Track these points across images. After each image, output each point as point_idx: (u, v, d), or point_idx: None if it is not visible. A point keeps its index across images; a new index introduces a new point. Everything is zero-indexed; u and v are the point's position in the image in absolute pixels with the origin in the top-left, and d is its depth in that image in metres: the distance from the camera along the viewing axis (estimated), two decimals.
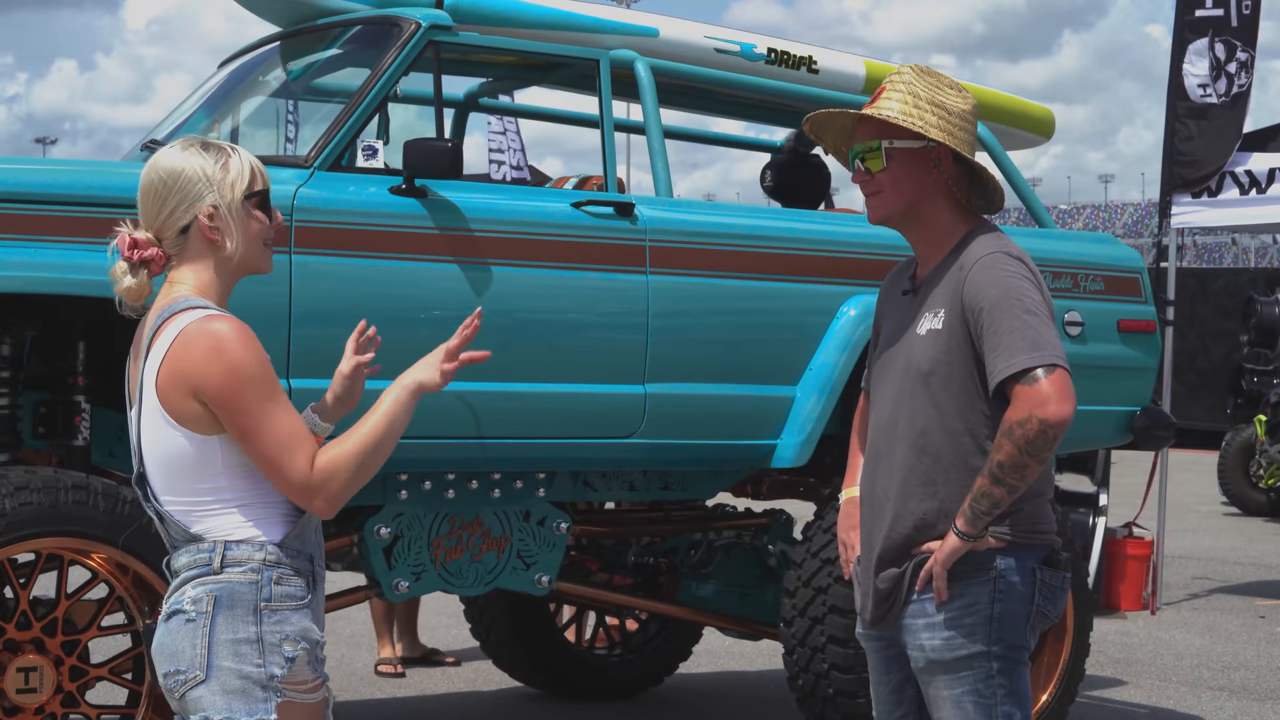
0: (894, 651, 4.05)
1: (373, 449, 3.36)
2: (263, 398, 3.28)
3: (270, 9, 6.39)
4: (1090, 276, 6.99)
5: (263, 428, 3.27)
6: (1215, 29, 11.60)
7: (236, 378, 3.26)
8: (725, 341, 6.22)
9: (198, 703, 3.30)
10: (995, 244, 3.93)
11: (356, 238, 5.46)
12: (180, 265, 3.43)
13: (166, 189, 3.39)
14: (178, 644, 3.31)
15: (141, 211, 3.43)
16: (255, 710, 3.28)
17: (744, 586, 7.33)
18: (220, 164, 3.41)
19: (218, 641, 3.28)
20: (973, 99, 4.01)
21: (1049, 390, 3.72)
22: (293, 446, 3.29)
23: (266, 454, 3.28)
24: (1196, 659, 9.47)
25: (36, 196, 5.04)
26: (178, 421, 3.30)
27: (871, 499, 4.05)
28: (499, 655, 8.09)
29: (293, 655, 3.32)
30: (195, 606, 3.29)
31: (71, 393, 5.41)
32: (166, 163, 3.41)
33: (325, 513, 3.35)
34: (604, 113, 6.20)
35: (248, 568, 3.31)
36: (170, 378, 3.29)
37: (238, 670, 3.28)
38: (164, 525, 3.40)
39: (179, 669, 3.31)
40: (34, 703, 4.98)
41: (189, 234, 3.41)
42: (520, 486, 6.14)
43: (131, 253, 3.39)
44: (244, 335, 3.30)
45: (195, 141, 3.46)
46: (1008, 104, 7.69)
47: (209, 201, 3.40)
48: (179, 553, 3.36)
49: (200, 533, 3.33)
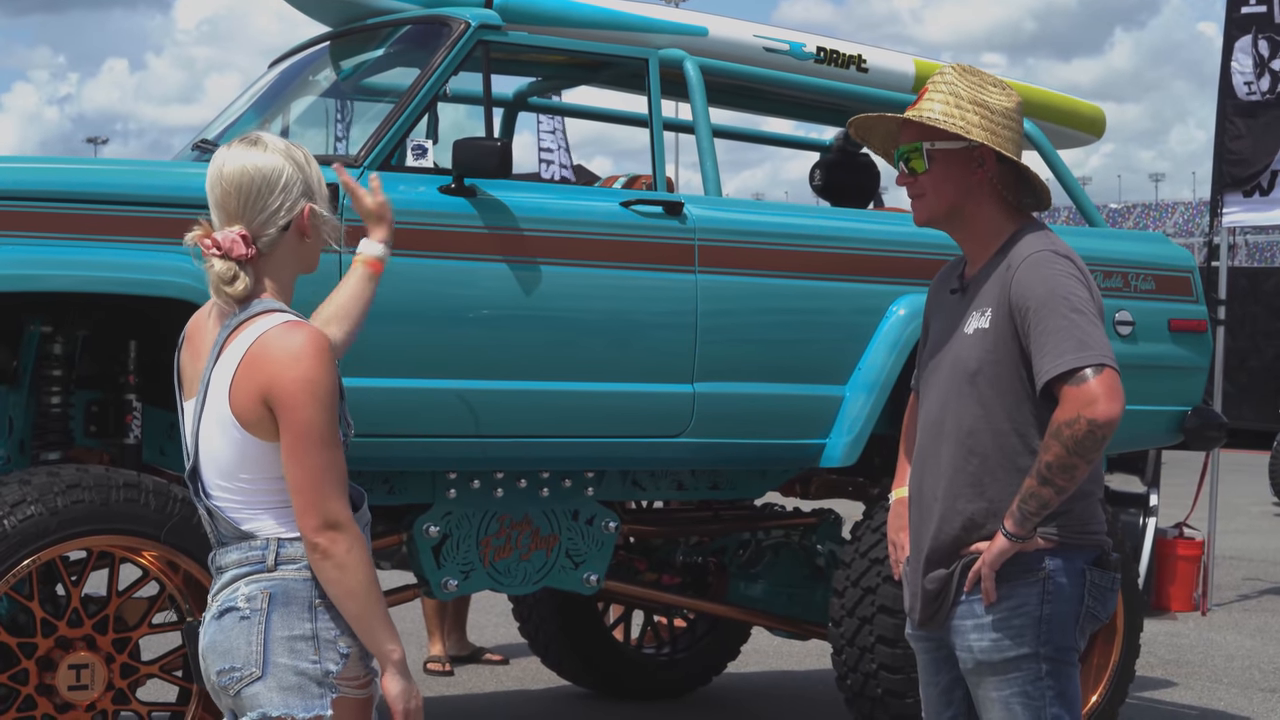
0: (943, 653, 4.04)
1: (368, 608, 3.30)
2: (324, 420, 3.26)
3: (320, 9, 6.41)
4: (1141, 276, 6.96)
5: (313, 453, 3.25)
6: (1259, 25, 11.52)
7: (307, 388, 3.24)
8: (774, 341, 6.21)
9: (254, 699, 3.29)
10: (1043, 242, 3.91)
11: (406, 237, 5.44)
12: (262, 264, 3.41)
13: (269, 188, 3.36)
14: (232, 641, 3.30)
15: (236, 211, 3.38)
16: (311, 706, 3.28)
17: (792, 586, 7.32)
18: (307, 160, 3.43)
19: (273, 638, 3.28)
20: (1017, 96, 3.99)
21: (1097, 390, 3.70)
22: (336, 486, 3.27)
23: (307, 477, 3.25)
24: (1247, 660, 9.42)
25: (90, 196, 5.07)
26: (243, 424, 3.29)
27: (919, 499, 4.04)
28: (547, 654, 8.10)
29: (347, 651, 3.32)
30: (250, 604, 3.29)
31: (123, 391, 5.45)
32: (262, 160, 3.37)
33: (316, 564, 3.28)
34: (653, 112, 6.20)
35: (302, 564, 3.30)
36: (244, 380, 3.28)
37: (294, 666, 3.28)
38: (213, 521, 3.39)
39: (234, 666, 3.29)
40: (85, 700, 5.01)
41: (286, 233, 3.40)
42: (569, 485, 6.15)
43: (247, 250, 3.35)
44: (325, 349, 3.29)
45: (270, 139, 3.44)
46: (1058, 103, 7.65)
47: (309, 199, 3.41)
48: (228, 549, 3.36)
49: (252, 530, 3.33)
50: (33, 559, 4.87)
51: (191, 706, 5.21)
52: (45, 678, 4.98)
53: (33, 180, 5.07)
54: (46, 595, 5.09)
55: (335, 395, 3.29)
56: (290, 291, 3.45)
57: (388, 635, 3.32)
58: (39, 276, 4.95)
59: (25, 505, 4.85)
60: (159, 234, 5.09)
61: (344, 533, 3.25)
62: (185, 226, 5.19)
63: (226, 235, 3.35)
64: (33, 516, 4.84)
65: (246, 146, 3.40)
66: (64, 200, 5.03)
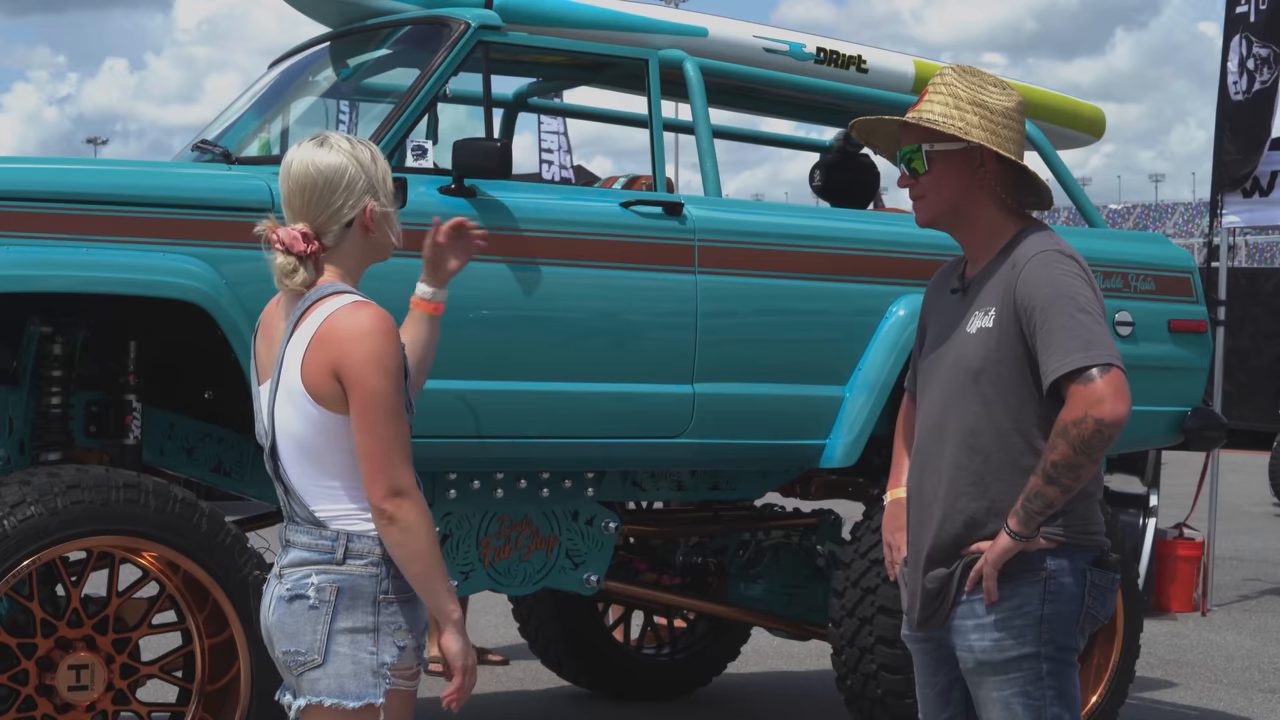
0: (942, 653, 4.04)
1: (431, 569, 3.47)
2: (391, 391, 3.43)
3: (320, 9, 6.41)
4: (1141, 276, 6.96)
5: (381, 423, 3.42)
6: (1244, 26, 11.57)
7: (374, 361, 3.42)
8: (774, 341, 6.21)
9: (314, 684, 3.49)
10: (1048, 242, 3.91)
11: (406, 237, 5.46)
12: (329, 257, 3.58)
13: (331, 186, 3.53)
14: (299, 626, 3.49)
15: (301, 208, 3.55)
16: (365, 695, 3.48)
17: (792, 586, 7.33)
18: (373, 158, 3.59)
19: (337, 629, 3.48)
20: (1018, 97, 3.99)
21: (1104, 389, 3.71)
22: (402, 455, 3.45)
23: (375, 445, 3.43)
24: (1247, 661, 9.42)
25: (89, 196, 5.07)
26: (316, 399, 3.46)
27: (919, 499, 4.04)
28: (547, 654, 8.10)
29: (404, 645, 3.51)
30: (319, 595, 3.47)
31: (123, 391, 5.45)
32: (325, 160, 3.54)
33: (383, 529, 3.45)
34: (653, 112, 6.20)
35: (369, 561, 3.49)
36: (316, 355, 3.45)
37: (353, 656, 3.47)
38: (288, 497, 3.57)
39: (298, 650, 3.49)
40: (85, 700, 5.01)
41: (350, 229, 3.57)
42: (569, 486, 6.16)
43: (307, 247, 3.52)
44: (390, 327, 3.47)
45: (336, 138, 3.60)
46: (1058, 103, 7.66)
47: (371, 196, 3.57)
48: (299, 529, 3.54)
49: (323, 518, 3.51)
50: (33, 559, 4.87)
51: (191, 706, 5.21)
52: (45, 678, 4.98)
53: (33, 180, 5.07)
54: (46, 596, 5.09)
55: (400, 370, 3.48)
56: (357, 278, 3.62)
57: (449, 596, 3.49)
58: (39, 276, 4.95)
59: (25, 505, 4.85)
60: (159, 234, 5.10)
61: (409, 498, 3.44)
62: (185, 227, 5.22)
63: (288, 231, 3.53)
64: (33, 517, 4.84)
65: (314, 146, 3.58)
66: (64, 200, 5.03)
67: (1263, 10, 11.49)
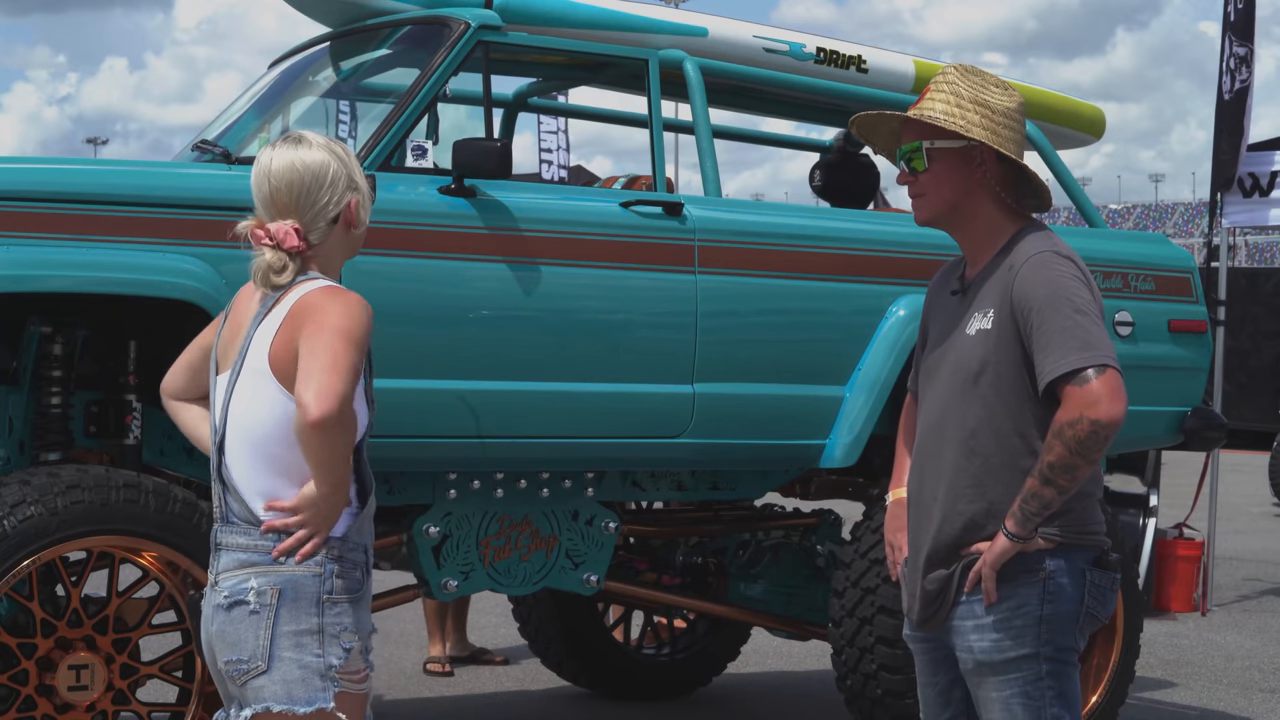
0: (942, 653, 4.04)
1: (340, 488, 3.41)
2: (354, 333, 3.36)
3: (320, 9, 6.41)
4: (1141, 276, 6.96)
5: (335, 343, 3.33)
6: (1227, 25, 11.62)
7: (336, 322, 3.36)
8: (774, 341, 6.21)
9: (259, 692, 3.39)
10: (1045, 243, 3.91)
11: (405, 237, 5.48)
12: (313, 254, 3.56)
13: (319, 183, 3.52)
14: (240, 634, 3.39)
15: (287, 206, 3.52)
16: (314, 699, 3.38)
17: (792, 586, 7.32)
18: (347, 153, 3.59)
19: (280, 633, 3.38)
20: (1019, 96, 4.00)
21: (1100, 390, 3.71)
22: (346, 375, 3.31)
23: (325, 357, 3.32)
24: (1247, 661, 9.42)
25: (89, 196, 5.07)
26: (278, 375, 3.41)
27: (919, 500, 4.04)
28: (547, 654, 8.10)
29: (350, 646, 3.42)
30: (259, 599, 3.38)
31: (123, 392, 5.45)
32: (309, 158, 3.53)
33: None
34: (653, 112, 6.20)
35: (312, 560, 3.40)
36: (287, 331, 3.41)
37: (298, 660, 3.38)
38: (227, 495, 3.48)
39: (241, 658, 3.39)
40: (85, 700, 5.02)
41: (334, 225, 3.56)
42: (569, 486, 6.15)
43: (299, 243, 3.50)
44: (367, 309, 3.44)
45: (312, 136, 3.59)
46: (1058, 103, 7.65)
47: (353, 191, 3.56)
48: (234, 530, 3.44)
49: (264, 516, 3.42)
50: (33, 559, 4.87)
51: (191, 706, 5.21)
52: (45, 678, 4.98)
53: (33, 180, 5.07)
54: (46, 596, 5.09)
55: (365, 345, 3.41)
56: (339, 274, 3.61)
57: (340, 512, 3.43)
58: (39, 276, 4.95)
59: (25, 506, 4.85)
60: (159, 234, 5.10)
61: (342, 411, 3.30)
62: (185, 227, 5.22)
63: (280, 227, 3.50)
64: (33, 517, 4.84)
65: (292, 145, 3.56)
66: (64, 200, 5.03)
67: (1240, 9, 11.53)
